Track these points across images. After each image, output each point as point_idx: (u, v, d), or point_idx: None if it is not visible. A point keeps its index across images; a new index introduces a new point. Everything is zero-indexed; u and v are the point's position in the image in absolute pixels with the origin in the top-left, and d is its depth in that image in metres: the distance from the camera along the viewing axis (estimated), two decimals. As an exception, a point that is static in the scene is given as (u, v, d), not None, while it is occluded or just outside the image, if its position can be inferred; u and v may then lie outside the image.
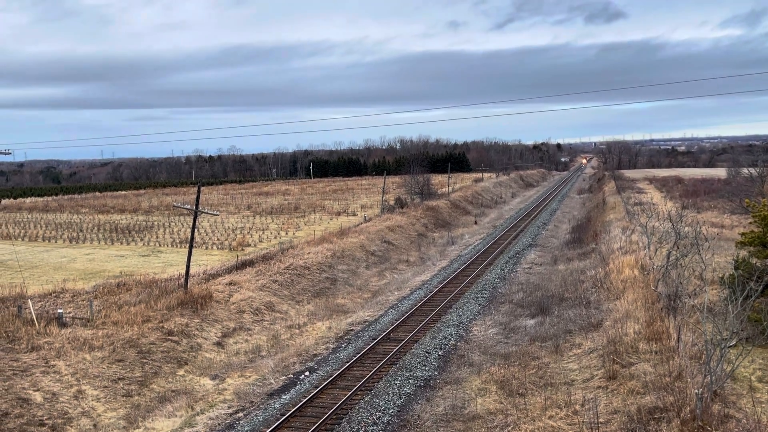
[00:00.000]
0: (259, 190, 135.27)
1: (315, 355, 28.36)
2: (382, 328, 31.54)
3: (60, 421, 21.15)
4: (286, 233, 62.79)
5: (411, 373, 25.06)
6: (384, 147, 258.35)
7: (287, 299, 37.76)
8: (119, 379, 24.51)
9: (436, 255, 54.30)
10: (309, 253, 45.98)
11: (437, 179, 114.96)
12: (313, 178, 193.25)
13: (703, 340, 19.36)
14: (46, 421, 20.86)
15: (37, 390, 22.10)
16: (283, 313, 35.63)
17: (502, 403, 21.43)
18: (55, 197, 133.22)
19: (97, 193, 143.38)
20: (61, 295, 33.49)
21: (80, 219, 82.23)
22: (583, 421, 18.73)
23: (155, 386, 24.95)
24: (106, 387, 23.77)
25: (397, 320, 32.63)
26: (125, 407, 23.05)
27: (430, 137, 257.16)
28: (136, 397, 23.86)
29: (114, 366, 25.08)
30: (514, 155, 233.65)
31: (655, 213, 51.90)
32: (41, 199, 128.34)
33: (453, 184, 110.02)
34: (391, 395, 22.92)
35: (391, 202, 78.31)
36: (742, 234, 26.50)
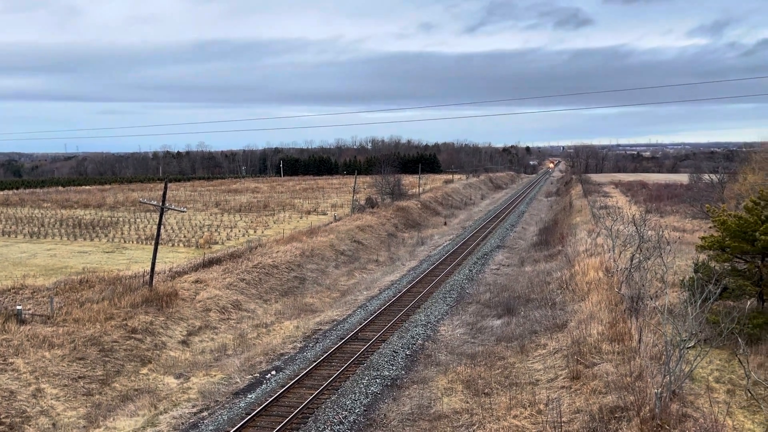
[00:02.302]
0: (227, 187, 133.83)
1: (282, 354, 28.19)
2: (350, 328, 31.51)
3: (18, 420, 20.61)
4: (255, 231, 62.25)
5: (378, 373, 25.10)
6: (355, 147, 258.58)
7: (255, 298, 37.43)
8: (80, 377, 23.99)
9: (405, 255, 54.46)
10: (278, 251, 45.67)
11: (408, 180, 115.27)
12: (284, 176, 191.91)
13: (664, 341, 19.81)
14: (3, 420, 20.31)
15: (-6, 388, 21.50)
16: (250, 311, 35.32)
17: (467, 402, 21.61)
18: (15, 191, 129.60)
19: (60, 188, 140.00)
20: (21, 292, 32.64)
21: (42, 213, 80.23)
22: (546, 420, 19.00)
23: (117, 385, 24.50)
24: (65, 385, 23.25)
25: (365, 320, 32.64)
26: (86, 406, 22.58)
27: (401, 138, 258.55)
28: (97, 396, 23.39)
29: (74, 364, 24.54)
30: (484, 157, 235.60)
31: (620, 216, 52.88)
32: (1, 192, 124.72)
33: (423, 185, 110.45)
34: (357, 394, 22.92)
35: (362, 202, 78.26)
36: (702, 238, 27.17)
